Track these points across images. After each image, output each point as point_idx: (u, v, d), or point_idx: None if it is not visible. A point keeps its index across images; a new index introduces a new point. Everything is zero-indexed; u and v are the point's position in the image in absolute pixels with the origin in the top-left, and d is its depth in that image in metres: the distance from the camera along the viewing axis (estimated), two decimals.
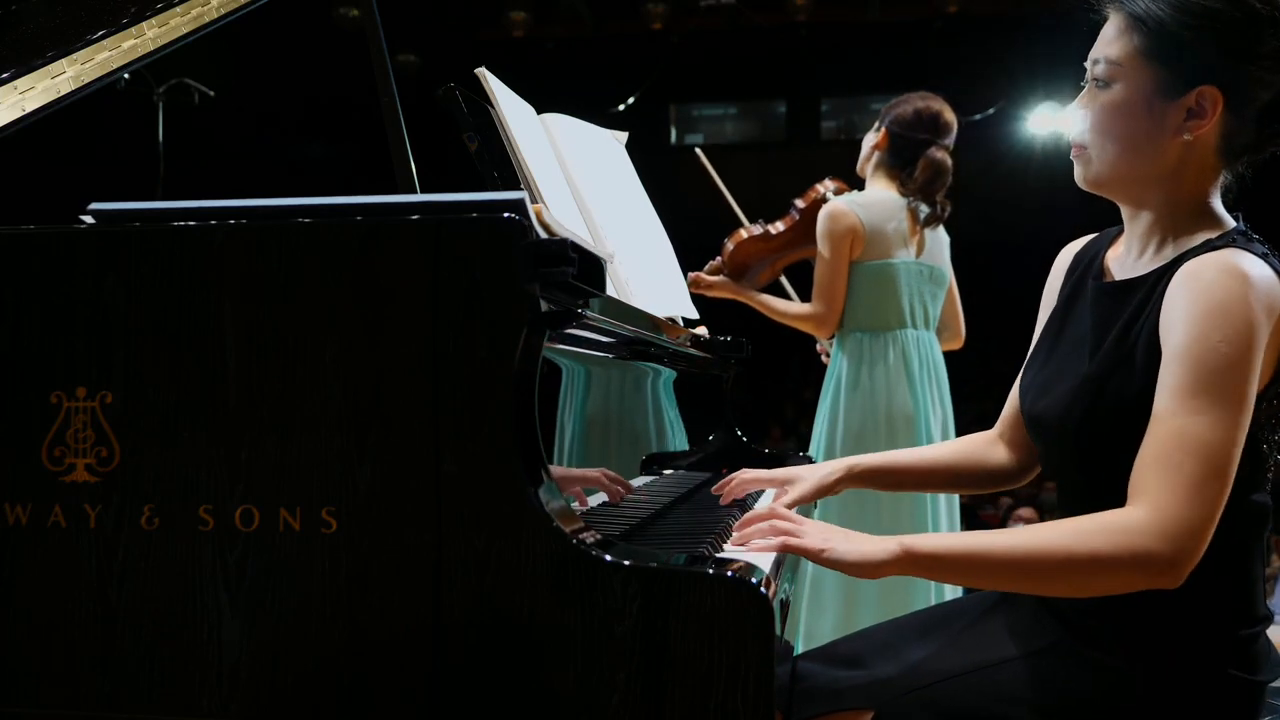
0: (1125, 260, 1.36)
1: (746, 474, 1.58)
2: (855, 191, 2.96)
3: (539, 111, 1.83)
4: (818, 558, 1.18)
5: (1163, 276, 1.25)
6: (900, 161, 2.90)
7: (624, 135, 2.16)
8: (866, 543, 1.17)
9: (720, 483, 1.60)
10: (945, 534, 1.20)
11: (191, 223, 1.10)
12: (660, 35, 9.79)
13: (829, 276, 2.82)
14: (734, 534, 1.28)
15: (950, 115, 2.93)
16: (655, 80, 10.09)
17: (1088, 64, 1.30)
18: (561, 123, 1.88)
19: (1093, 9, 1.30)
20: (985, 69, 9.76)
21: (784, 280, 3.18)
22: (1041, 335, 1.45)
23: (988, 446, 1.58)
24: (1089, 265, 1.41)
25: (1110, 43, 1.26)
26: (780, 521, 1.23)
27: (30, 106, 1.36)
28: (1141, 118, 1.24)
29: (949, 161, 2.91)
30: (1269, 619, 1.30)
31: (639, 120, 9.36)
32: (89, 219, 1.14)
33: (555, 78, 6.85)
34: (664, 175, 2.98)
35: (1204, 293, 1.15)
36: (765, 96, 12.43)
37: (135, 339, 1.09)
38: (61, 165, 4.88)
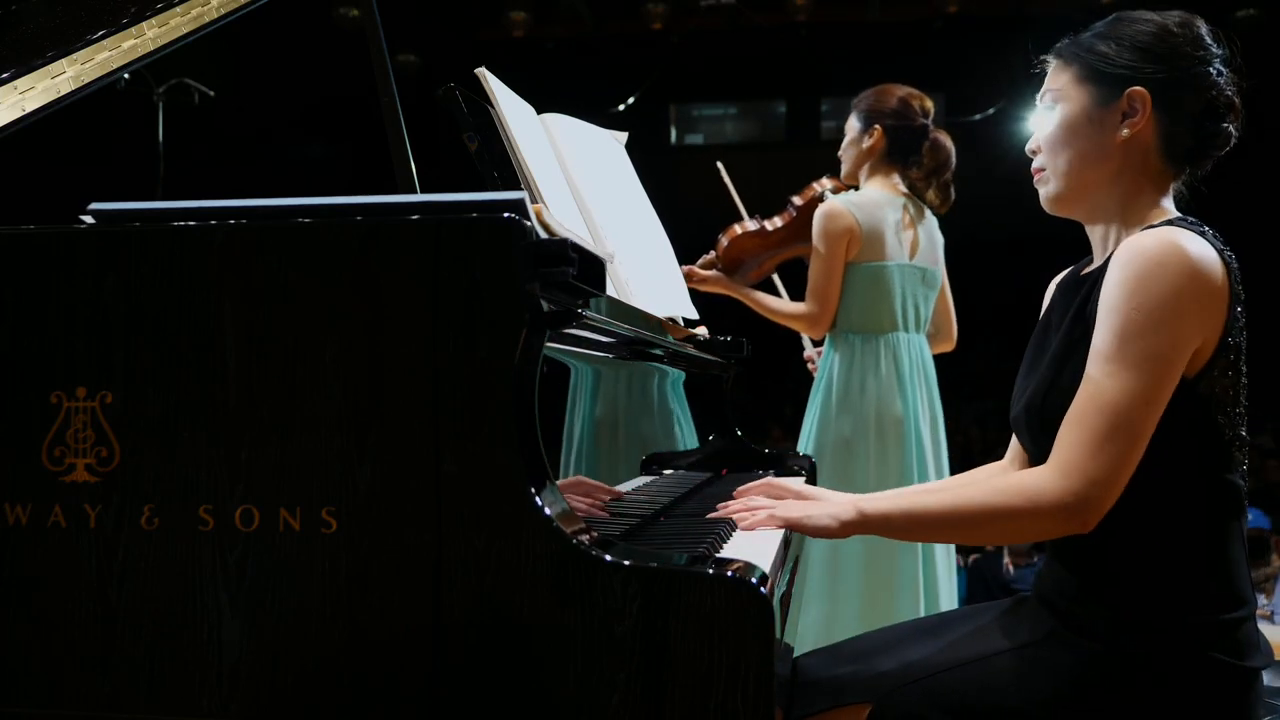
0: (1089, 266, 1.45)
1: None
2: (852, 191, 2.92)
3: (539, 111, 1.83)
4: (800, 526, 1.36)
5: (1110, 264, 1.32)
6: (902, 154, 2.86)
7: (624, 135, 2.16)
8: (825, 514, 1.35)
9: (734, 506, 1.48)
10: (890, 496, 1.41)
11: (191, 223, 1.10)
12: (660, 35, 9.78)
13: (824, 277, 2.79)
14: (729, 506, 1.45)
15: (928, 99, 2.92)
16: (655, 80, 10.09)
17: (1037, 105, 1.46)
18: (561, 123, 1.88)
19: (1039, 65, 1.47)
20: (985, 69, 9.75)
21: (775, 278, 3.15)
22: (1026, 352, 1.51)
23: (1000, 475, 1.60)
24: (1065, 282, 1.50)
25: (1051, 78, 1.44)
26: (764, 497, 1.46)
27: (30, 106, 1.36)
28: (1084, 126, 1.38)
29: (950, 142, 2.90)
30: (1253, 604, 1.31)
31: (639, 120, 9.35)
32: (89, 219, 1.14)
33: (555, 78, 6.84)
34: (664, 175, 2.97)
35: (1130, 262, 1.26)
36: (765, 96, 12.43)
37: (135, 339, 1.09)
38: (61, 165, 4.88)
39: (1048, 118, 1.42)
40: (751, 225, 3.02)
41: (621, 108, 9.86)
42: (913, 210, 2.87)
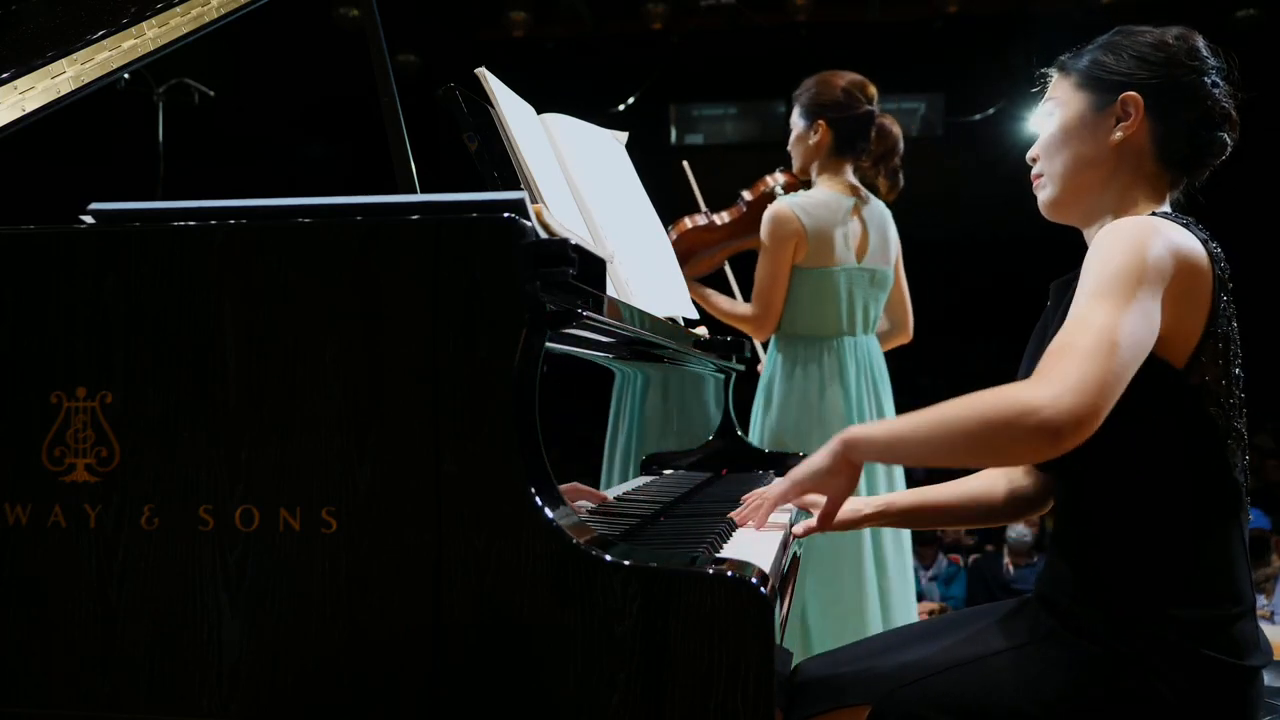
0: None
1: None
2: (802, 191, 2.85)
3: (539, 111, 1.83)
4: (798, 485, 1.37)
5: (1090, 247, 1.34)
6: (849, 143, 2.81)
7: (624, 135, 2.16)
8: (818, 455, 1.36)
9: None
10: (875, 423, 1.43)
11: (191, 223, 1.10)
12: (660, 35, 9.76)
13: (769, 280, 2.74)
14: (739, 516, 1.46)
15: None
16: (655, 80, 10.08)
17: (1039, 113, 1.49)
18: (561, 123, 1.89)
19: (1042, 78, 1.52)
20: (985, 69, 9.75)
21: (729, 273, 3.11)
22: (1025, 351, 1.51)
23: (1011, 473, 1.60)
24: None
25: (1053, 89, 1.49)
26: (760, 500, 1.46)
27: (30, 106, 1.37)
28: (1079, 129, 1.43)
29: (897, 127, 2.86)
30: (1250, 602, 1.31)
31: (639, 120, 9.33)
32: (89, 219, 1.14)
33: (555, 78, 6.84)
34: (664, 175, 2.96)
35: (1107, 235, 1.30)
36: (765, 96, 12.40)
37: (135, 339, 1.09)
38: (61, 165, 4.87)
39: (1047, 125, 1.46)
40: (700, 220, 2.97)
41: (621, 108, 9.85)
42: (863, 208, 2.81)
